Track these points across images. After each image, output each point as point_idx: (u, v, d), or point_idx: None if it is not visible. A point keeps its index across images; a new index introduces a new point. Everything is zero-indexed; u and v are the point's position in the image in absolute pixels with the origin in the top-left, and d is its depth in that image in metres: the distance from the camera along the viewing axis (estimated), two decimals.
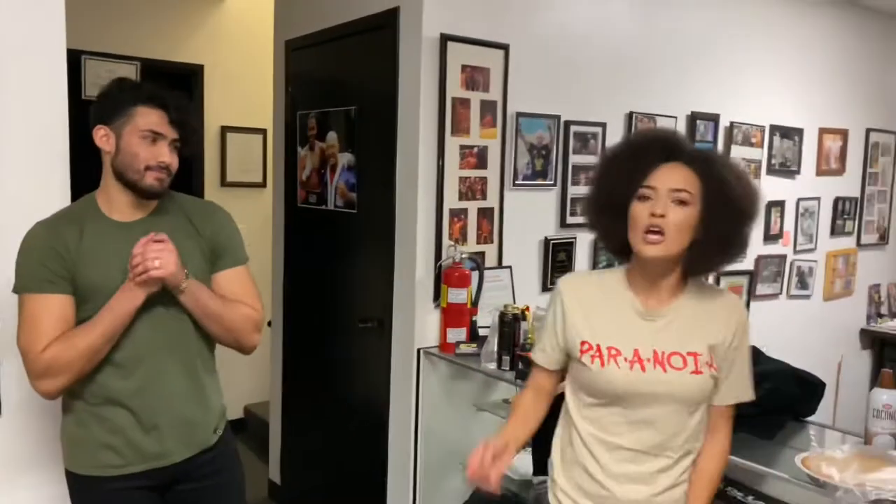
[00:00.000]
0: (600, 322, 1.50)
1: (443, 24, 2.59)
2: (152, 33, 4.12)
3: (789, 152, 4.01)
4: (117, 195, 1.68)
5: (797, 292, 4.20)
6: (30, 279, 1.60)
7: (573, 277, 1.64)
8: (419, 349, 2.67)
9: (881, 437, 1.66)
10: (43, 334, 1.58)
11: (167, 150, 1.66)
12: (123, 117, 1.63)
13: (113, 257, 1.63)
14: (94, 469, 1.68)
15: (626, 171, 1.46)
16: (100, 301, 1.61)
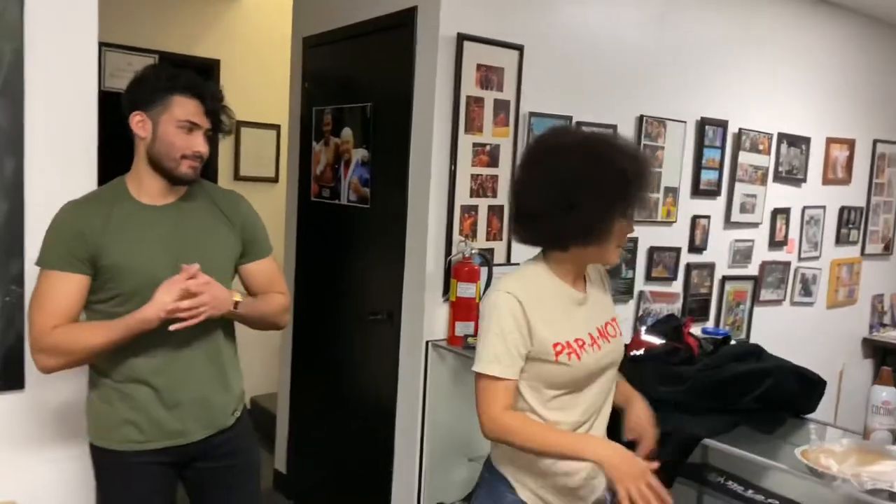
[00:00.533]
0: (558, 320, 1.58)
1: (459, 23, 2.64)
2: (171, 27, 4.19)
3: (796, 160, 4.06)
4: (149, 180, 1.74)
5: (800, 299, 4.24)
6: (51, 256, 1.66)
7: (516, 283, 1.59)
8: (427, 341, 2.72)
9: (879, 432, 1.71)
10: (53, 310, 1.64)
11: (202, 140, 1.72)
12: (160, 105, 1.69)
13: (140, 239, 1.70)
14: (117, 443, 1.74)
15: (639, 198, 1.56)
16: (121, 282, 1.68)
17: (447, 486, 2.78)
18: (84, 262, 1.66)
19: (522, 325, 1.54)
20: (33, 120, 1.87)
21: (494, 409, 1.54)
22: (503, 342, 1.54)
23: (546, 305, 1.58)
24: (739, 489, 2.15)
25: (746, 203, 3.81)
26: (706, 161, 3.56)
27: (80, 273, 1.66)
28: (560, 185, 1.50)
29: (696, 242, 3.59)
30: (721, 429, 1.86)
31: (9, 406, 1.90)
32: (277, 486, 3.70)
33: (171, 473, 1.81)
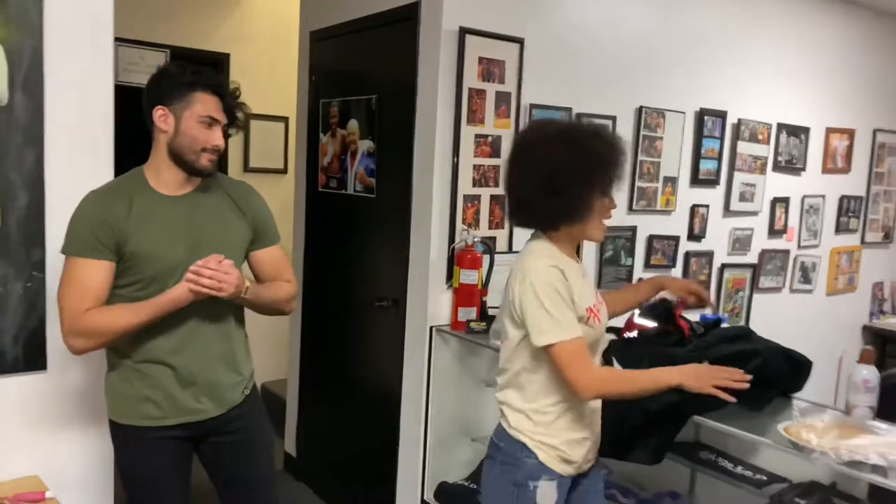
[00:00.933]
0: (578, 290, 1.75)
1: (462, 17, 2.72)
2: (182, 22, 4.28)
3: (796, 150, 4.11)
4: (167, 171, 1.83)
5: (800, 287, 4.31)
6: (78, 244, 1.75)
7: (552, 257, 1.74)
8: (432, 327, 2.81)
9: (860, 409, 1.79)
10: (83, 296, 1.73)
11: (220, 135, 1.82)
12: (183, 101, 1.78)
13: (160, 228, 1.79)
14: (136, 419, 1.84)
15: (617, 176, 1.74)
16: (144, 268, 1.77)
17: (450, 466, 2.88)
18: (110, 248, 1.75)
19: (569, 291, 1.72)
20: (53, 114, 1.96)
21: (590, 369, 1.71)
22: (566, 306, 1.70)
23: (573, 277, 1.75)
24: (730, 466, 2.23)
25: (746, 192, 3.87)
26: (705, 151, 3.62)
27: (107, 259, 1.75)
28: (545, 173, 1.69)
29: (694, 231, 3.66)
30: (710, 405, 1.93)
31: (32, 386, 2.01)
32: (288, 469, 3.81)
33: (187, 448, 1.92)
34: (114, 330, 1.74)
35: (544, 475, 1.77)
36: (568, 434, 1.79)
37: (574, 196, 1.69)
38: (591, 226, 1.76)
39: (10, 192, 1.91)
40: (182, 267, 1.77)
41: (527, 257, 1.77)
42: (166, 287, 1.77)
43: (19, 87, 1.91)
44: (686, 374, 1.71)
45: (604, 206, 1.75)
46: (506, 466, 1.81)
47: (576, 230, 1.77)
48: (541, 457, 1.77)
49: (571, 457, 1.80)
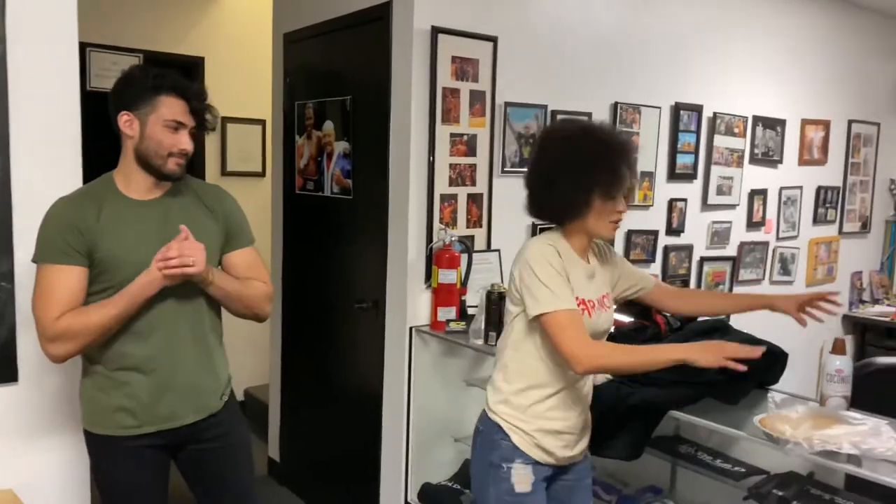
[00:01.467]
0: (576, 280, 1.80)
1: (434, 16, 2.71)
2: (155, 26, 4.24)
3: (772, 142, 4.14)
4: (136, 176, 1.81)
5: (780, 278, 4.34)
6: (48, 250, 1.73)
7: (553, 241, 1.81)
8: (411, 328, 2.80)
9: (833, 399, 1.80)
10: (57, 303, 1.70)
11: (187, 138, 1.80)
12: (147, 105, 1.75)
13: (130, 233, 1.77)
14: (110, 429, 1.81)
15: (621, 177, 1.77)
16: (115, 273, 1.74)
17: (434, 467, 2.87)
18: (81, 253, 1.72)
19: (564, 270, 1.77)
20: (18, 120, 1.93)
21: (584, 340, 1.71)
22: (562, 280, 1.75)
23: (571, 264, 1.80)
24: (709, 459, 2.24)
25: (723, 185, 3.89)
26: (682, 145, 3.64)
27: (79, 265, 1.73)
28: (543, 167, 1.82)
29: (673, 225, 3.67)
30: (686, 401, 1.94)
31: (3, 399, 1.97)
32: (272, 473, 3.79)
33: (164, 456, 1.89)
34: (90, 327, 1.70)
35: (518, 458, 1.82)
36: (542, 423, 1.82)
37: (566, 190, 1.75)
38: (593, 223, 1.80)
39: None
40: None
41: (530, 241, 1.86)
42: None
43: None
44: (693, 349, 1.68)
45: (606, 207, 1.78)
46: (484, 448, 1.88)
47: (579, 226, 1.82)
48: (515, 440, 1.82)
49: (546, 446, 1.82)
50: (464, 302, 2.79)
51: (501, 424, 1.84)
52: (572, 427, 1.86)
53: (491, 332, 2.57)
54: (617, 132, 1.91)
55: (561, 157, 1.78)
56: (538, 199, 1.85)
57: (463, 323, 2.72)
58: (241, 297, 1.88)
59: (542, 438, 1.82)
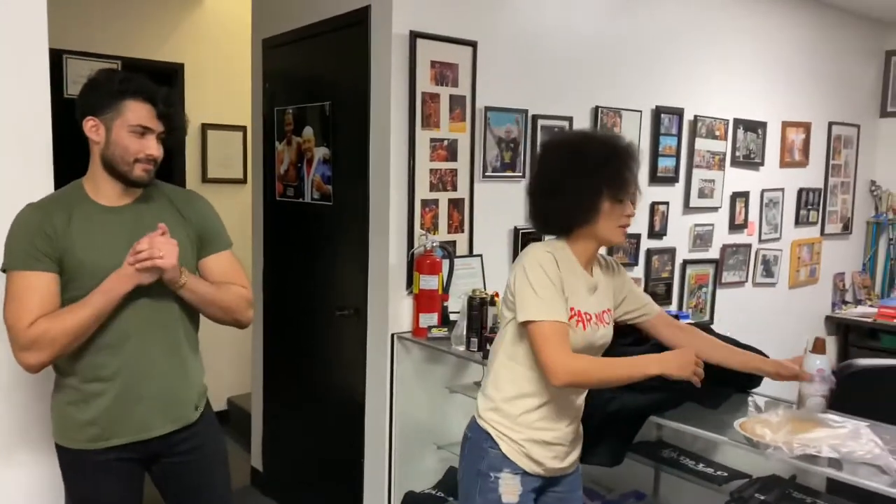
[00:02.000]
0: (575, 290, 1.78)
1: (412, 21, 2.70)
2: (133, 33, 4.20)
3: (753, 145, 4.15)
4: (105, 183, 1.78)
5: (762, 280, 4.35)
6: (18, 257, 1.69)
7: (552, 249, 1.78)
8: (393, 334, 2.78)
9: (812, 398, 1.79)
10: (29, 309, 1.66)
11: (155, 144, 1.76)
12: (112, 110, 1.72)
13: (100, 239, 1.74)
14: (81, 442, 1.78)
15: (627, 179, 1.76)
16: (86, 280, 1.71)
17: (417, 475, 2.85)
18: (51, 259, 1.69)
19: (560, 279, 1.74)
20: None
21: (564, 353, 1.68)
22: (554, 291, 1.72)
23: (568, 273, 1.77)
24: (692, 463, 2.23)
25: (705, 188, 3.90)
26: (663, 148, 3.64)
27: (50, 271, 1.69)
28: (549, 174, 1.79)
29: (655, 228, 3.67)
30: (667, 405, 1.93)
31: None
32: (254, 483, 3.75)
33: (137, 470, 1.86)
34: (66, 331, 1.65)
35: (506, 468, 1.79)
36: (532, 433, 1.79)
37: (571, 196, 1.74)
38: (602, 228, 1.77)
39: None
40: None
41: (530, 246, 1.82)
42: None
43: None
44: (666, 362, 1.70)
45: (614, 211, 1.76)
46: (472, 455, 1.85)
47: (588, 233, 1.79)
48: (503, 448, 1.79)
49: (535, 457, 1.79)
50: (446, 308, 2.77)
51: (490, 432, 1.81)
52: (563, 438, 1.83)
53: (473, 338, 2.55)
54: (619, 136, 1.89)
55: (567, 162, 1.77)
56: (544, 209, 1.81)
57: (445, 329, 2.70)
58: (216, 301, 1.84)
59: (531, 448, 1.79)
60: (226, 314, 1.88)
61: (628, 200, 1.78)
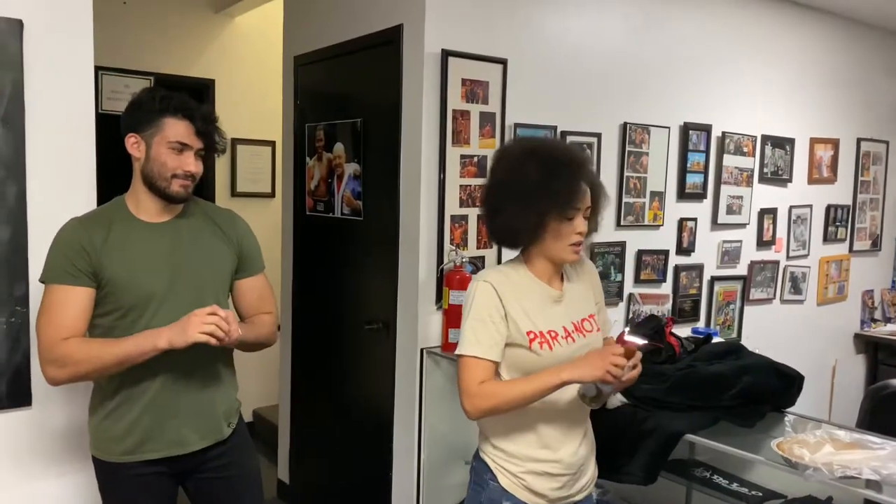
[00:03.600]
0: (532, 311, 1.71)
1: (444, 40, 2.73)
2: (166, 50, 4.29)
3: (781, 161, 4.14)
4: (145, 199, 1.82)
5: (790, 297, 4.32)
6: (55, 271, 1.73)
7: (496, 274, 1.74)
8: (422, 349, 2.79)
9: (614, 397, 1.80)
10: (60, 324, 1.70)
11: (193, 160, 1.80)
12: (153, 127, 1.76)
13: (138, 255, 1.77)
14: (117, 455, 1.80)
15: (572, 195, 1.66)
16: (123, 295, 1.75)
17: (445, 490, 2.84)
18: (88, 275, 1.73)
19: (500, 309, 1.68)
20: (34, 146, 1.95)
21: (472, 385, 1.65)
22: (483, 325, 1.68)
23: (521, 297, 1.71)
24: (725, 483, 2.21)
25: (733, 204, 3.88)
26: (691, 165, 3.64)
27: (85, 286, 1.73)
28: (488, 193, 1.76)
29: (683, 244, 3.67)
30: (702, 425, 1.93)
31: (17, 423, 1.98)
32: (281, 496, 3.76)
33: (171, 484, 1.88)
34: (88, 359, 1.68)
35: (506, 501, 1.72)
36: (532, 465, 1.72)
37: (510, 217, 1.68)
38: (550, 248, 1.71)
39: None
40: (161, 295, 1.76)
41: (483, 270, 1.80)
42: (144, 315, 1.75)
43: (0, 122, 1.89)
44: (578, 367, 1.60)
45: (563, 229, 1.68)
46: (476, 486, 1.80)
47: (538, 251, 1.74)
48: (502, 482, 1.73)
49: (537, 489, 1.72)
50: None
51: (489, 464, 1.76)
52: (568, 467, 1.74)
53: None
54: (569, 148, 1.78)
55: (504, 182, 1.70)
56: (490, 227, 1.76)
57: None
58: (256, 340, 1.89)
59: (532, 481, 1.72)
60: (258, 347, 1.93)
61: (580, 216, 1.69)
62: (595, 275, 1.91)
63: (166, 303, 1.77)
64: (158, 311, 1.77)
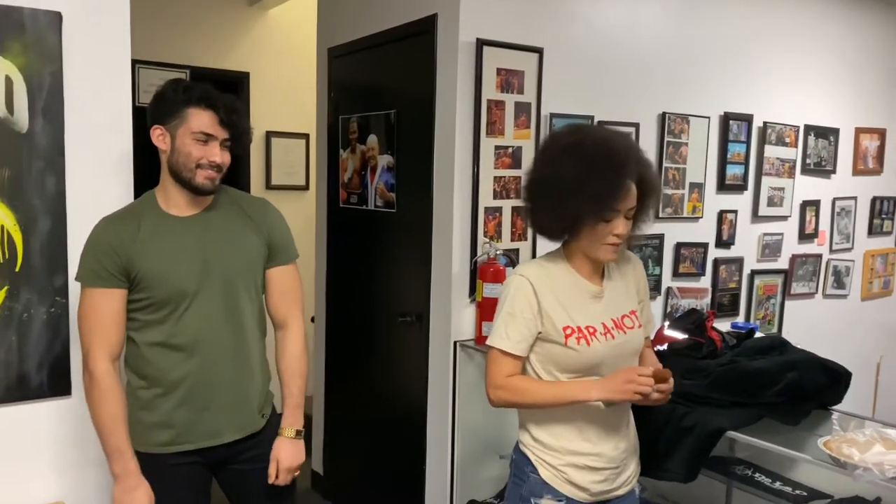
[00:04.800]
0: (570, 306, 1.69)
1: (479, 29, 2.69)
2: (201, 43, 4.32)
3: (825, 152, 4.02)
4: (174, 192, 1.82)
5: (833, 291, 4.20)
6: (89, 273, 1.75)
7: (534, 268, 1.73)
8: (456, 342, 2.77)
9: None
10: (100, 330, 1.73)
11: (218, 150, 1.79)
12: (177, 118, 1.76)
13: (168, 248, 1.78)
14: (152, 447, 1.81)
15: (612, 197, 1.59)
16: (155, 289, 1.75)
17: (479, 484, 2.83)
18: (117, 276, 1.74)
19: (533, 305, 1.67)
20: (73, 139, 1.97)
21: (499, 377, 1.67)
22: (513, 320, 1.67)
23: (560, 291, 1.69)
24: (767, 481, 2.16)
25: (774, 196, 3.79)
26: (731, 156, 3.55)
27: (118, 287, 1.74)
28: (526, 186, 1.74)
29: (723, 237, 3.59)
30: (744, 421, 1.87)
31: (57, 412, 2.00)
32: (314, 487, 3.78)
33: (205, 474, 1.89)
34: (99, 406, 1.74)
35: (547, 493, 1.71)
36: (573, 458, 1.70)
37: (541, 215, 1.69)
38: (587, 246, 1.68)
39: (32, 218, 1.92)
40: (194, 289, 1.76)
41: (523, 263, 1.79)
42: (178, 309, 1.76)
43: (39, 114, 1.91)
44: (606, 388, 1.61)
45: (601, 229, 1.63)
46: (516, 479, 1.80)
47: (577, 247, 1.72)
48: (543, 475, 1.72)
49: (578, 482, 1.70)
50: None
51: (530, 457, 1.74)
52: (610, 461, 1.72)
53: None
54: (615, 142, 1.65)
55: (542, 178, 1.67)
56: (527, 221, 1.76)
57: None
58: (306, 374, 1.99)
59: (573, 474, 1.70)
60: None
61: (619, 217, 1.62)
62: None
63: (199, 296, 1.78)
64: (192, 304, 1.77)
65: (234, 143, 1.83)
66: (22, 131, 1.89)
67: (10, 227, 1.89)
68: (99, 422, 1.75)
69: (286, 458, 1.89)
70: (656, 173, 1.73)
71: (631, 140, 1.75)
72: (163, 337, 1.78)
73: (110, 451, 1.75)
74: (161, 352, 1.78)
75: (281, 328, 1.98)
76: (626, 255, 1.82)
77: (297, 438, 1.93)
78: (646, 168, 1.68)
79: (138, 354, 1.81)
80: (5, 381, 1.91)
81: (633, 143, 1.74)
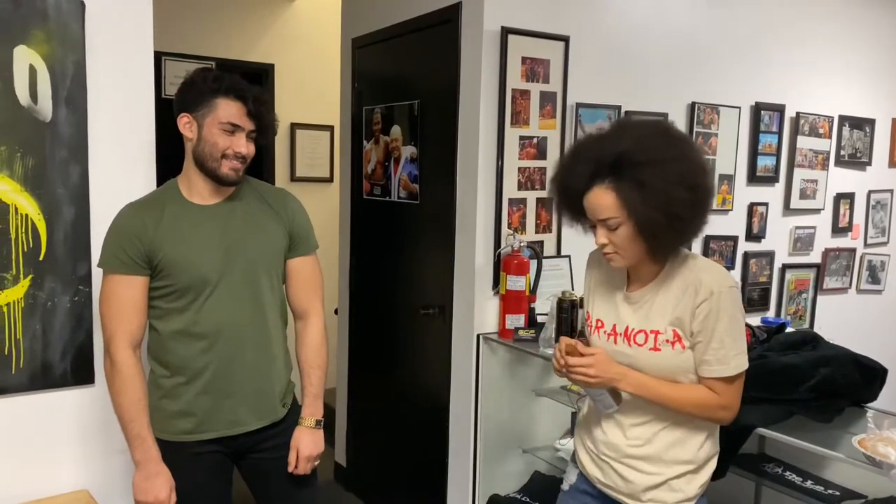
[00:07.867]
0: (599, 297, 1.71)
1: (504, 17, 2.65)
2: (226, 35, 4.33)
3: (860, 143, 3.91)
4: (197, 181, 1.81)
5: (868, 287, 4.09)
6: (111, 259, 1.76)
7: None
8: (479, 335, 2.74)
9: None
10: (122, 316, 1.74)
11: (244, 141, 1.78)
12: (205, 107, 1.75)
13: (190, 236, 1.78)
14: (174, 435, 1.82)
15: (565, 205, 1.60)
16: (178, 276, 1.75)
17: (501, 478, 2.80)
18: (141, 263, 1.74)
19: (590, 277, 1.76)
20: (96, 128, 1.97)
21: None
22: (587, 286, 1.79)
23: (603, 281, 1.71)
24: (798, 480, 2.10)
25: (807, 189, 3.69)
26: (762, 147, 3.47)
27: (140, 275, 1.75)
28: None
29: (753, 230, 3.51)
30: (774, 418, 1.82)
31: (80, 400, 2.01)
32: (337, 479, 3.79)
33: (227, 462, 1.89)
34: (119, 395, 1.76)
35: (573, 460, 1.83)
36: (580, 431, 1.79)
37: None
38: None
39: (56, 207, 1.92)
40: (216, 277, 1.76)
41: None
42: (200, 297, 1.76)
43: (62, 103, 1.92)
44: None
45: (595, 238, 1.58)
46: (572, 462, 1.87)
47: None
48: (580, 455, 1.80)
49: (579, 455, 1.78)
50: (533, 309, 2.72)
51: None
52: (601, 448, 1.67)
53: None
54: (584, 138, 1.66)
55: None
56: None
57: (532, 331, 2.64)
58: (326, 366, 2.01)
59: (577, 446, 1.80)
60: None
61: (599, 227, 1.52)
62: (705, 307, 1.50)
63: (220, 284, 1.78)
64: (213, 292, 1.77)
65: (259, 134, 1.83)
66: (45, 120, 1.90)
67: (34, 215, 1.90)
68: (120, 408, 1.75)
69: (305, 447, 1.89)
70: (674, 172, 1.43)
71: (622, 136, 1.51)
72: (185, 325, 1.78)
73: (131, 437, 1.76)
74: (183, 340, 1.78)
75: (301, 318, 1.97)
76: (703, 282, 1.51)
77: (316, 428, 1.92)
78: (628, 170, 1.44)
79: (160, 343, 1.81)
80: (30, 370, 1.92)
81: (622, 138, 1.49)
